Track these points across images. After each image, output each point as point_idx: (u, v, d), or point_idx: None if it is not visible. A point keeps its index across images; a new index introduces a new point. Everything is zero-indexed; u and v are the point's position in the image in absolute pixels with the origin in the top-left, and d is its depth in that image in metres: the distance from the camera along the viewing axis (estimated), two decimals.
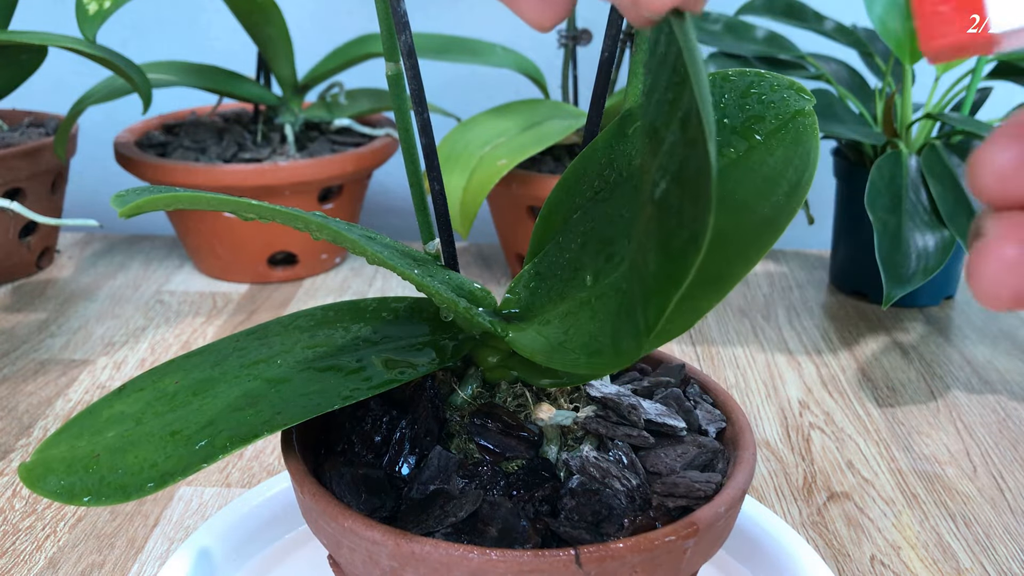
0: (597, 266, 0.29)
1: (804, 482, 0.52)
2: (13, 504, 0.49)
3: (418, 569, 0.28)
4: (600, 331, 0.27)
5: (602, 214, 0.30)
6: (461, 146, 0.70)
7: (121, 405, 0.32)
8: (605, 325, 0.27)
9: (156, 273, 0.81)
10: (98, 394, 0.60)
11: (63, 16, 0.93)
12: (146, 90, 0.69)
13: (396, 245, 0.33)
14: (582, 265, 0.30)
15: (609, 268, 0.29)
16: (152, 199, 0.24)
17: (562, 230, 0.31)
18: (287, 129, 0.82)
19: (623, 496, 0.30)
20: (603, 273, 0.29)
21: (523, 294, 0.32)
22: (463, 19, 0.97)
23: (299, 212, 0.26)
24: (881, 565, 0.45)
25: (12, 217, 0.75)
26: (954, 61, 0.72)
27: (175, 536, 0.47)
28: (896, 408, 0.60)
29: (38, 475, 0.29)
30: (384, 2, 0.31)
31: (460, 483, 0.31)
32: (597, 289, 0.29)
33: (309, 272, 0.81)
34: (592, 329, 0.28)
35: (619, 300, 0.27)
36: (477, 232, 0.93)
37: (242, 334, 0.36)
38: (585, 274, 0.30)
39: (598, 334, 0.27)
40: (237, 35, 0.90)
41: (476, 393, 0.34)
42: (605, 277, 0.29)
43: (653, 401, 0.35)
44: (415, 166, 0.34)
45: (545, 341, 0.29)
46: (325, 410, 0.30)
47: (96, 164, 0.98)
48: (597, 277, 0.29)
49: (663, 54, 0.22)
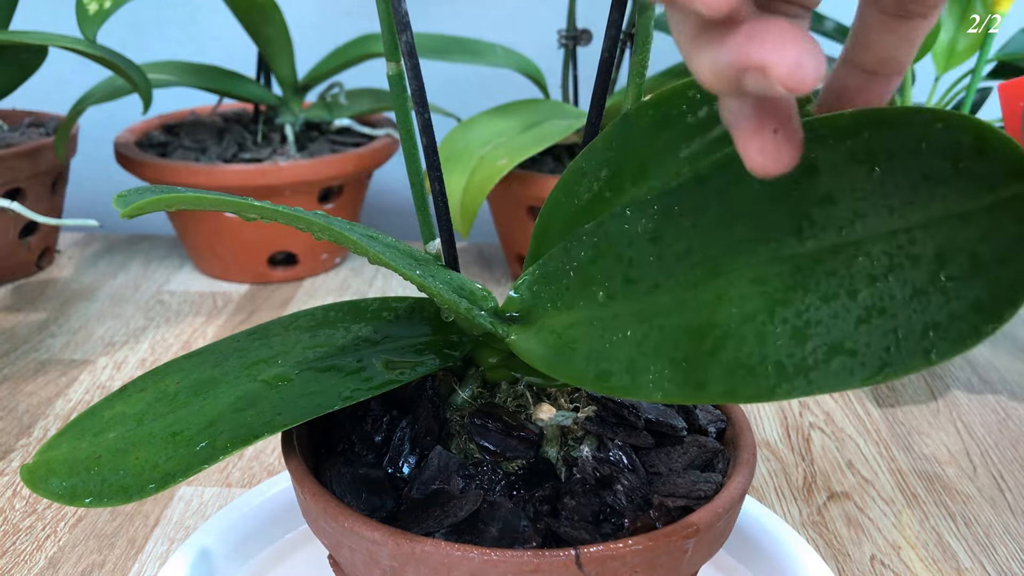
0: (613, 286, 0.29)
1: (804, 482, 0.52)
2: (13, 504, 0.49)
3: (418, 569, 0.28)
4: (612, 354, 0.27)
5: (621, 234, 0.29)
6: (461, 146, 0.70)
7: (122, 406, 0.32)
8: (618, 351, 0.27)
9: (156, 273, 0.81)
10: (98, 394, 0.60)
11: (63, 16, 0.93)
12: (146, 90, 0.69)
13: (398, 245, 0.33)
14: (593, 279, 0.29)
15: (629, 292, 0.28)
16: (154, 200, 0.24)
17: (570, 235, 0.31)
18: (287, 129, 0.82)
19: (623, 496, 0.30)
20: (620, 296, 0.28)
21: (526, 296, 0.32)
22: (463, 19, 0.97)
23: (301, 213, 0.26)
24: (881, 565, 0.45)
25: (12, 217, 0.75)
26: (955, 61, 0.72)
27: (175, 536, 0.47)
28: (896, 408, 0.60)
29: (40, 476, 0.29)
30: (385, 2, 0.31)
31: (460, 483, 0.31)
32: (612, 309, 0.28)
33: (309, 272, 0.81)
34: (601, 349, 0.27)
35: (649, 334, 0.27)
36: (477, 232, 0.94)
37: (242, 334, 0.36)
38: (597, 289, 0.29)
39: (609, 357, 0.27)
40: (237, 35, 0.90)
41: (476, 393, 0.34)
42: (624, 300, 0.28)
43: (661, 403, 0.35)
44: (416, 166, 0.34)
45: (549, 350, 0.29)
46: (326, 411, 0.30)
47: (96, 164, 0.98)
48: (612, 297, 0.28)
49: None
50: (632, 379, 0.26)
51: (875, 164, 0.24)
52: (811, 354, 0.23)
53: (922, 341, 0.22)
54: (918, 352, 0.22)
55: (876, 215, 0.24)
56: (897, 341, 0.22)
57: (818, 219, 0.25)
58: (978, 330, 0.21)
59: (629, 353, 0.26)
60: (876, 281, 0.23)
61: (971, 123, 0.22)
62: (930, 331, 0.22)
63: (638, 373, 0.26)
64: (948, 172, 0.23)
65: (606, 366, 0.27)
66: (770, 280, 0.25)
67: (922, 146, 0.23)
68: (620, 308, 0.28)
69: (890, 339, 0.22)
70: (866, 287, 0.23)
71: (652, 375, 0.26)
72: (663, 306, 0.27)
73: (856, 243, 0.24)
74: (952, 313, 0.22)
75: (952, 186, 0.22)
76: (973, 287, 0.22)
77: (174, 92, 0.88)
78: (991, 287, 0.21)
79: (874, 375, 0.22)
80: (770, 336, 0.24)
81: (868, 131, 0.24)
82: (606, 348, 0.27)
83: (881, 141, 0.24)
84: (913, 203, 0.23)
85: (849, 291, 0.24)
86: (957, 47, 0.73)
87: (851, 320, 0.23)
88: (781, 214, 0.25)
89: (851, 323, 0.23)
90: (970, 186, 0.22)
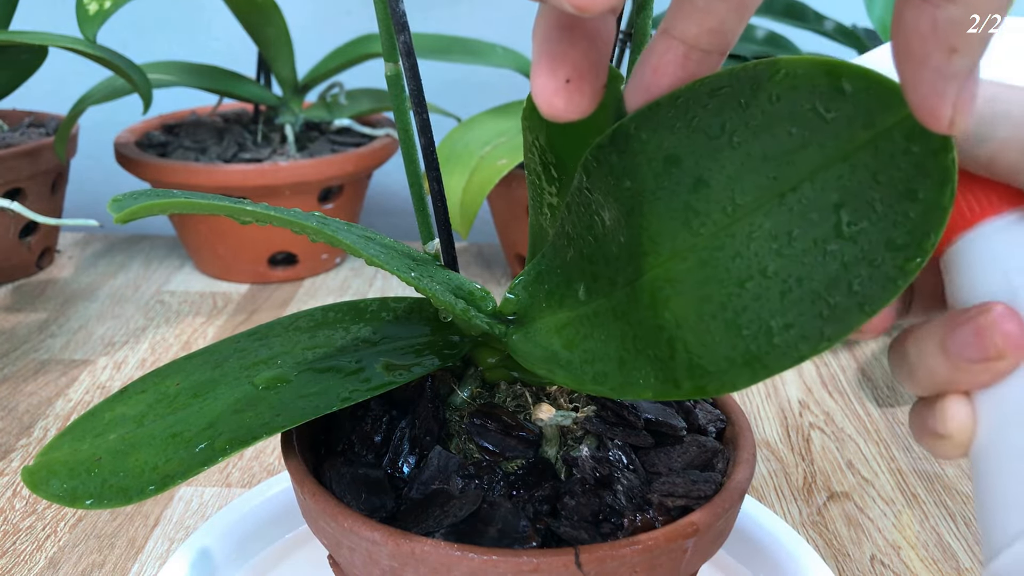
0: (586, 282, 0.28)
1: (804, 482, 0.52)
2: (13, 504, 0.49)
3: (418, 569, 0.28)
4: (603, 354, 0.27)
5: (584, 225, 0.28)
6: (461, 146, 0.70)
7: (122, 407, 0.32)
8: (607, 349, 0.27)
9: (156, 273, 0.81)
10: (98, 394, 0.60)
11: (63, 16, 0.93)
12: (146, 90, 0.69)
13: (396, 246, 0.33)
14: (572, 276, 0.29)
15: (597, 288, 0.28)
16: (148, 204, 0.24)
17: (558, 231, 0.31)
18: (287, 129, 0.82)
19: (623, 496, 0.30)
20: (593, 291, 0.28)
21: (522, 296, 0.32)
22: (463, 19, 0.97)
23: (296, 216, 0.26)
24: (881, 565, 0.45)
25: (12, 217, 0.75)
26: None
27: (175, 536, 0.47)
28: (896, 408, 0.60)
29: (41, 478, 0.29)
30: (383, 3, 0.31)
31: (460, 483, 0.31)
32: (591, 306, 0.28)
33: (309, 272, 0.81)
34: (594, 348, 0.27)
35: (626, 330, 0.26)
36: (477, 232, 0.93)
37: (242, 335, 0.36)
38: (577, 286, 0.29)
39: (601, 357, 0.27)
40: (237, 35, 0.90)
41: (476, 393, 0.34)
42: (597, 296, 0.28)
43: (652, 400, 0.35)
44: (414, 166, 0.34)
45: (545, 352, 0.29)
46: (325, 411, 0.30)
47: (96, 164, 0.98)
48: (589, 293, 0.28)
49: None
50: (625, 378, 0.26)
51: (732, 135, 0.23)
52: (752, 340, 0.22)
53: (851, 296, 0.21)
54: (852, 308, 0.21)
55: (755, 184, 0.23)
56: (827, 303, 0.21)
57: (699, 206, 0.24)
58: (903, 268, 0.20)
59: (618, 351, 0.26)
60: (782, 249, 0.22)
61: (820, 64, 0.21)
62: (855, 283, 0.21)
63: (629, 372, 0.26)
64: (814, 120, 0.21)
65: (602, 367, 0.27)
66: (682, 278, 0.24)
67: (777, 102, 0.22)
68: (598, 305, 0.28)
69: (820, 304, 0.21)
70: (774, 259, 0.22)
71: (641, 374, 0.25)
72: (623, 303, 0.27)
73: (747, 218, 0.23)
74: (869, 259, 0.21)
75: (825, 132, 0.21)
76: (881, 227, 0.21)
77: (174, 92, 0.88)
78: (901, 223, 0.20)
79: (819, 342, 0.21)
80: (707, 333, 0.23)
81: (713, 102, 0.23)
82: (598, 347, 0.27)
83: (730, 109, 0.23)
84: (791, 162, 0.22)
85: (760, 268, 0.23)
86: None
87: (775, 296, 0.22)
88: (663, 209, 0.24)
89: (776, 299, 0.22)
90: (843, 129, 0.21)
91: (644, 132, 0.24)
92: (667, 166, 0.24)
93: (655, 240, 0.25)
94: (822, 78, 0.21)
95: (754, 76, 0.22)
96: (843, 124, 0.21)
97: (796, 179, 0.22)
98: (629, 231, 0.26)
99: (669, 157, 0.24)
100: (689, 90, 0.23)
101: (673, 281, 0.24)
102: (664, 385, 0.24)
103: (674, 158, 0.24)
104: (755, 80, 0.22)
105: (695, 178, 0.24)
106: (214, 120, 0.87)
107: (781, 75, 0.22)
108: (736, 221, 0.23)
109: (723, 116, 0.23)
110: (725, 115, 0.23)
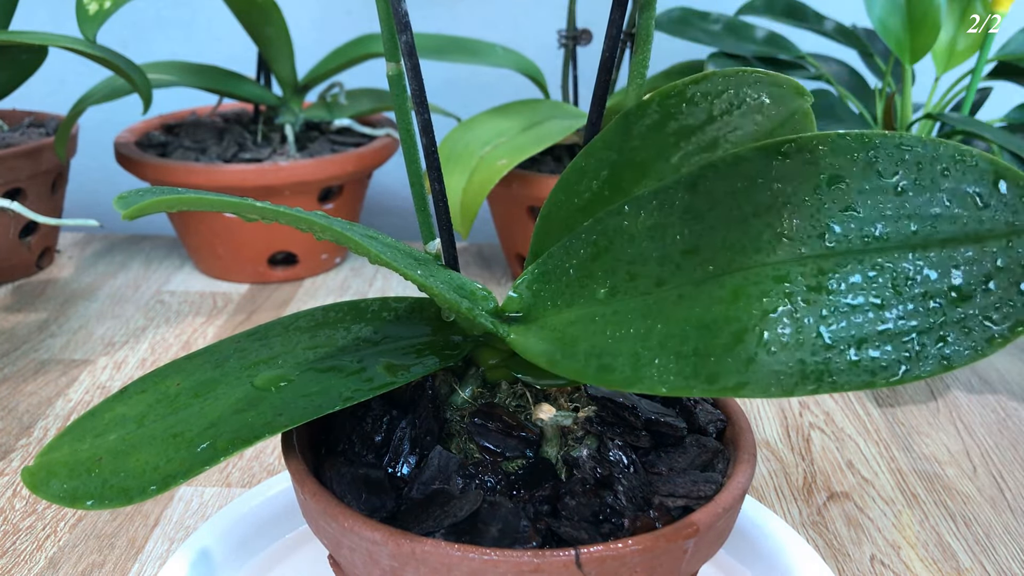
0: (614, 282, 0.29)
1: (804, 482, 0.52)
2: (13, 504, 0.49)
3: (418, 569, 0.28)
4: (614, 349, 0.27)
5: (619, 230, 0.30)
6: (461, 146, 0.70)
7: (123, 407, 0.32)
8: (621, 346, 0.27)
9: (156, 273, 0.81)
10: (98, 394, 0.60)
11: (63, 16, 0.93)
12: (146, 90, 0.69)
13: (398, 245, 0.33)
14: (592, 276, 0.30)
15: (631, 289, 0.29)
16: (156, 201, 0.24)
17: (570, 233, 0.31)
18: (287, 129, 0.82)
19: (623, 496, 0.30)
20: (622, 291, 0.29)
21: (526, 295, 0.32)
22: (463, 19, 0.97)
23: (302, 213, 0.26)
24: (881, 565, 0.45)
25: (12, 217, 0.75)
26: (955, 61, 0.72)
27: (175, 536, 0.47)
28: (896, 408, 0.60)
29: (41, 479, 0.29)
30: (385, 2, 0.31)
31: (460, 483, 0.31)
32: (612, 306, 0.29)
33: (309, 272, 0.81)
34: (603, 345, 0.27)
35: (652, 327, 0.27)
36: (477, 232, 0.94)
37: (243, 335, 0.36)
38: (598, 287, 0.30)
39: (611, 352, 0.27)
40: (237, 35, 0.90)
41: (476, 393, 0.34)
42: (625, 296, 0.29)
43: (653, 401, 0.35)
44: (416, 166, 0.34)
45: (549, 347, 0.29)
46: (326, 411, 0.30)
47: (96, 164, 0.98)
48: (613, 293, 0.29)
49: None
50: (635, 372, 0.26)
51: (899, 183, 0.26)
52: (836, 355, 0.24)
53: (939, 347, 0.24)
54: (934, 358, 0.24)
55: (896, 230, 0.26)
56: (917, 344, 0.24)
57: (840, 228, 0.26)
58: (989, 342, 0.23)
59: (632, 348, 0.27)
60: (899, 287, 0.25)
61: (993, 162, 0.25)
62: (949, 337, 0.24)
63: (641, 367, 0.26)
64: (969, 202, 0.25)
65: (608, 360, 0.27)
66: (794, 279, 0.26)
67: (944, 176, 0.26)
68: (622, 304, 0.28)
69: (911, 344, 0.24)
70: (885, 292, 0.25)
71: (656, 368, 0.26)
72: (669, 301, 0.27)
73: (878, 253, 0.26)
74: (964, 325, 0.24)
75: (972, 216, 0.25)
76: (984, 304, 0.24)
77: (174, 92, 0.88)
78: (1003, 307, 0.24)
79: (892, 376, 0.24)
80: (797, 333, 0.25)
81: (898, 154, 0.26)
82: (608, 343, 0.27)
83: (907, 166, 0.26)
84: (934, 225, 0.25)
85: (872, 295, 0.25)
86: (957, 47, 0.73)
87: (872, 323, 0.25)
88: (803, 218, 0.27)
89: (871, 325, 0.25)
90: (988, 218, 0.25)
91: (829, 158, 0.27)
92: (829, 183, 0.27)
93: (772, 243, 0.27)
94: (991, 174, 0.25)
95: (934, 148, 0.26)
96: (990, 214, 0.25)
97: (931, 241, 0.25)
98: (721, 232, 0.28)
99: (834, 177, 0.27)
100: (884, 138, 0.27)
101: (781, 279, 0.26)
102: (688, 381, 0.25)
103: (838, 178, 0.27)
104: (935, 151, 0.26)
105: (845, 205, 0.26)
106: (214, 120, 0.87)
107: (961, 157, 0.25)
108: (868, 252, 0.26)
109: (899, 168, 0.26)
110: (901, 168, 0.26)
